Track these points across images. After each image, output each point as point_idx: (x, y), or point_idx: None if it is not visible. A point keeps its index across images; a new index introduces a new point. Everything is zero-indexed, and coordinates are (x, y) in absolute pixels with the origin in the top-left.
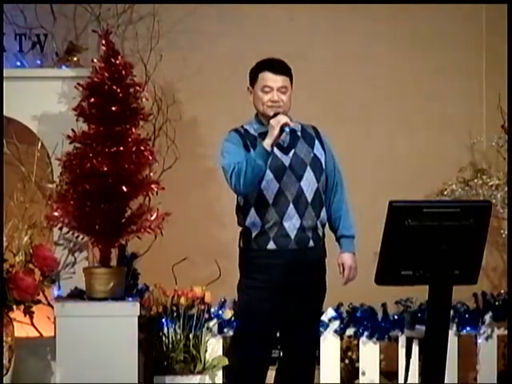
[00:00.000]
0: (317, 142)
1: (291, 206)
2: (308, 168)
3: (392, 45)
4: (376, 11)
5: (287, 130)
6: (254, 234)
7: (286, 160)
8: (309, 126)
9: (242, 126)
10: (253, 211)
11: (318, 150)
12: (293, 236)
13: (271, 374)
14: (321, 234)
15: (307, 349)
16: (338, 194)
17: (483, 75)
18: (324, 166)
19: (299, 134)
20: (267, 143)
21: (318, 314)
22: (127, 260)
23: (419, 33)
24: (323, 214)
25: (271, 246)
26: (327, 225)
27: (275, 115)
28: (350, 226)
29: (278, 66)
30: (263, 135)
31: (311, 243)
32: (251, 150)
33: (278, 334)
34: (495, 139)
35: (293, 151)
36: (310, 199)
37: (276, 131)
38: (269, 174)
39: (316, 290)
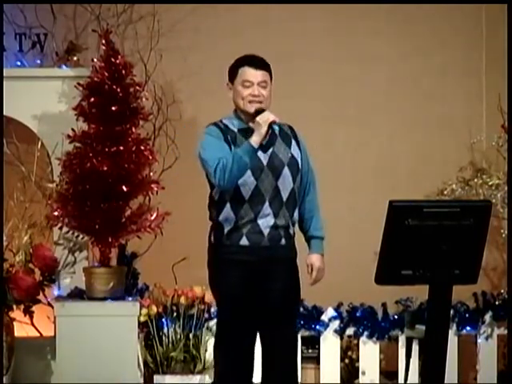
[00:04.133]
0: (293, 141)
1: (267, 204)
2: (285, 167)
3: (392, 45)
4: (376, 11)
5: (276, 127)
6: (226, 230)
7: (265, 158)
8: (285, 124)
9: (221, 121)
10: (228, 207)
11: (294, 149)
12: (266, 233)
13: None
14: (292, 232)
15: (285, 346)
16: (311, 194)
17: (483, 75)
18: (300, 167)
19: (277, 132)
20: (255, 141)
21: (293, 312)
22: (127, 260)
23: (419, 33)
24: (296, 213)
25: (244, 242)
26: (297, 224)
27: (258, 112)
28: (321, 228)
29: (258, 61)
30: (242, 131)
31: (283, 241)
32: (232, 145)
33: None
34: (495, 139)
35: (271, 150)
36: (285, 199)
37: (264, 129)
38: (247, 171)
39: (289, 288)
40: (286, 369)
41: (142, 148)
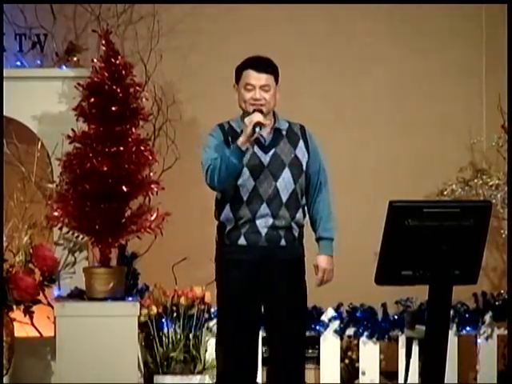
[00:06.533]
0: (301, 142)
1: (264, 204)
2: (286, 168)
3: (392, 45)
4: (376, 11)
5: (258, 129)
6: (227, 230)
7: (265, 159)
8: (296, 124)
9: (229, 122)
10: (228, 207)
11: (300, 150)
12: (263, 233)
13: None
14: (297, 234)
15: (287, 347)
16: (321, 194)
17: (483, 75)
18: (304, 168)
19: (284, 133)
20: (241, 141)
21: (296, 313)
22: (127, 260)
23: (419, 33)
24: (299, 214)
25: (242, 241)
26: (310, 225)
27: (254, 112)
28: (330, 229)
29: (262, 64)
30: None
31: (283, 242)
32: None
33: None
34: (495, 139)
35: (273, 150)
36: (284, 200)
37: (248, 130)
38: (246, 172)
39: (291, 289)
40: (288, 370)
41: (142, 148)
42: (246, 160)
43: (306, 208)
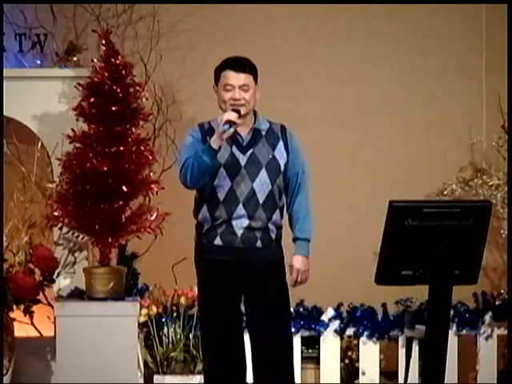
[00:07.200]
0: (281, 142)
1: (241, 205)
2: (263, 169)
3: (392, 45)
4: (376, 11)
5: (226, 127)
6: (204, 229)
7: (243, 159)
8: (277, 124)
9: (209, 122)
10: (205, 207)
11: (279, 151)
12: (239, 234)
13: None
14: (274, 235)
15: (271, 348)
16: (300, 195)
17: (483, 75)
18: (283, 168)
19: (263, 133)
20: (213, 140)
21: (276, 314)
22: (127, 260)
23: (419, 33)
24: (276, 216)
25: (218, 242)
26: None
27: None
28: (307, 229)
29: (240, 64)
30: None
31: (259, 244)
32: None
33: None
34: (495, 139)
35: (251, 151)
36: (261, 201)
37: (220, 128)
38: (223, 172)
39: (269, 291)
40: (274, 371)
41: (142, 148)
42: (224, 160)
43: (284, 209)
